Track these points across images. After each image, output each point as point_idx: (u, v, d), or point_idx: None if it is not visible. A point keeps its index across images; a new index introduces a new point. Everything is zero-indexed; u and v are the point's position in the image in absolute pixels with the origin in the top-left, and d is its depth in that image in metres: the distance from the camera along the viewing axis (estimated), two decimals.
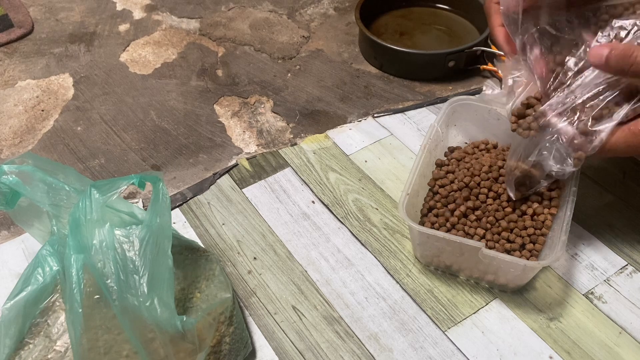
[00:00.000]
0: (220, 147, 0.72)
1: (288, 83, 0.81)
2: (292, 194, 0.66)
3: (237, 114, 0.76)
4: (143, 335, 0.41)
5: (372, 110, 0.76)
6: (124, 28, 0.91)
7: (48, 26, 0.92)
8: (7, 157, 0.71)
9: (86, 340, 0.41)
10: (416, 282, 0.57)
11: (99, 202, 0.42)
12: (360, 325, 0.54)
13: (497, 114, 0.61)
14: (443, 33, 0.86)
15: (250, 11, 0.94)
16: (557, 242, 0.50)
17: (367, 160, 0.69)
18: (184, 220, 0.63)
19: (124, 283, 0.41)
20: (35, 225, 0.49)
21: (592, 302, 0.55)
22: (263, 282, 0.58)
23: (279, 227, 0.62)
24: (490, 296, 0.56)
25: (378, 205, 0.64)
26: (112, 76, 0.83)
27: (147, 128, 0.75)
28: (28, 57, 0.86)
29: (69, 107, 0.78)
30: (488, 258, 0.51)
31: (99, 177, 0.69)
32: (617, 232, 0.60)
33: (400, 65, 0.80)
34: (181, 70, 0.83)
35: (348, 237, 0.61)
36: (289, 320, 0.55)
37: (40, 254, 0.46)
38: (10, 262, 0.60)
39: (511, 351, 0.52)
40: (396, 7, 0.90)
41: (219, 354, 0.47)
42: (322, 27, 0.90)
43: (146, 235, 0.42)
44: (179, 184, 0.68)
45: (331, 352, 0.52)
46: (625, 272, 0.57)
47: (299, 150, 0.71)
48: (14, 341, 0.44)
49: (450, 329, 0.53)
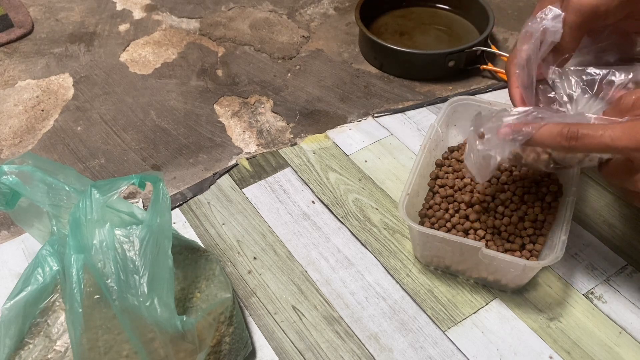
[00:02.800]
0: (220, 147, 0.72)
1: (288, 83, 0.81)
2: (292, 194, 0.66)
3: (237, 114, 0.76)
4: (143, 335, 0.41)
5: (372, 110, 0.76)
6: (124, 28, 0.91)
7: (48, 26, 0.92)
8: (7, 157, 0.71)
9: (86, 340, 0.41)
10: (416, 282, 0.57)
11: (99, 202, 0.42)
12: (360, 325, 0.54)
13: None
14: (443, 33, 0.86)
15: (250, 11, 0.94)
16: (557, 242, 0.50)
17: (367, 160, 0.69)
18: (184, 220, 0.63)
19: (124, 283, 0.41)
20: (35, 225, 0.48)
21: (592, 302, 0.55)
22: (263, 282, 0.58)
23: (279, 227, 0.62)
24: (490, 296, 0.56)
25: (378, 205, 0.64)
26: (112, 76, 0.83)
27: (147, 128, 0.75)
28: (28, 57, 0.86)
29: (69, 107, 0.78)
30: (488, 258, 0.51)
31: (99, 177, 0.69)
32: (617, 232, 0.60)
33: (400, 65, 0.80)
34: (181, 70, 0.83)
35: (348, 237, 0.61)
36: (289, 320, 0.55)
37: (40, 254, 0.46)
38: (10, 262, 0.60)
39: (511, 351, 0.52)
40: (396, 7, 0.90)
41: (219, 354, 0.47)
42: (322, 27, 0.90)
43: (146, 235, 0.42)
44: (179, 184, 0.68)
45: (331, 352, 0.52)
46: (625, 272, 0.57)
47: (299, 150, 0.71)
48: (14, 341, 0.44)
49: (450, 329, 0.53)
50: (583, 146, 0.44)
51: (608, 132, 0.43)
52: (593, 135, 0.43)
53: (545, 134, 0.45)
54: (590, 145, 0.43)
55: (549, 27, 0.49)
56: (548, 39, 0.50)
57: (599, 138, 0.43)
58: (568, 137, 0.44)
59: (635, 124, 0.42)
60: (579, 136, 0.43)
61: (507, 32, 0.88)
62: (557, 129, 0.45)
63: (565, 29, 0.49)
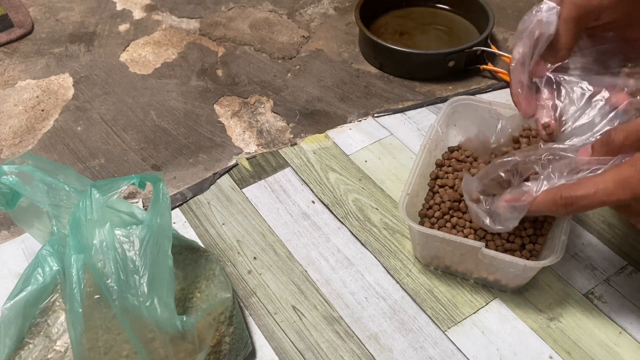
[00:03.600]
0: (220, 147, 0.72)
1: (288, 83, 0.81)
2: (292, 194, 0.66)
3: (237, 114, 0.76)
4: (143, 335, 0.41)
5: (372, 110, 0.76)
6: (124, 28, 0.91)
7: (48, 26, 0.92)
8: (7, 157, 0.71)
9: (86, 340, 0.41)
10: (416, 282, 0.57)
11: (99, 202, 0.42)
12: (360, 325, 0.54)
13: (497, 114, 0.61)
14: (443, 33, 0.86)
15: (250, 11, 0.94)
16: (557, 242, 0.50)
17: (367, 160, 0.69)
18: (184, 220, 0.63)
19: (124, 283, 0.41)
20: (35, 225, 0.49)
21: (592, 302, 0.55)
22: (263, 282, 0.58)
23: (279, 227, 0.62)
24: (490, 296, 0.56)
25: (378, 205, 0.64)
26: (112, 76, 0.83)
27: (147, 128, 0.75)
28: (28, 57, 0.86)
29: (69, 107, 0.78)
30: (488, 258, 0.51)
31: (99, 177, 0.69)
32: (617, 232, 0.60)
33: (400, 65, 0.80)
34: (181, 70, 0.83)
35: (348, 237, 0.61)
36: (289, 320, 0.55)
37: (40, 254, 0.46)
38: (10, 262, 0.60)
39: (511, 351, 0.52)
40: (396, 7, 0.90)
41: (219, 354, 0.47)
42: (322, 27, 0.90)
43: (146, 235, 0.42)
44: (179, 183, 0.68)
45: (331, 352, 0.52)
46: (625, 272, 0.57)
47: (299, 150, 0.71)
48: (14, 341, 0.44)
49: (450, 328, 0.53)
50: (581, 208, 0.44)
51: (601, 187, 0.43)
52: (587, 196, 0.43)
53: (541, 204, 0.46)
54: (588, 206, 0.44)
55: (543, 18, 0.50)
56: (543, 31, 0.50)
57: (593, 197, 0.43)
58: (563, 204, 0.45)
59: (623, 169, 0.42)
60: (574, 200, 0.44)
61: (507, 32, 0.88)
62: (550, 198, 0.45)
63: (561, 22, 0.50)
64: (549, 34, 0.50)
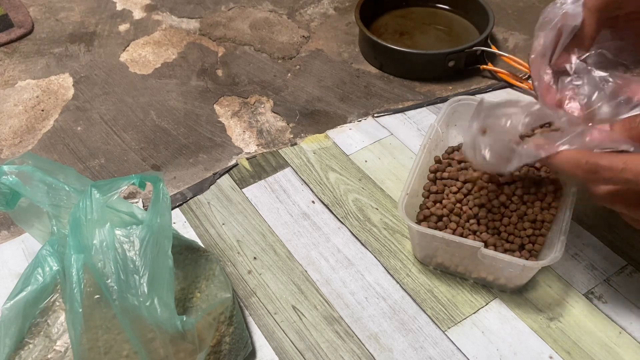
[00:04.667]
0: (220, 147, 0.72)
1: (288, 83, 0.81)
2: (292, 194, 0.66)
3: (237, 114, 0.76)
4: (143, 335, 0.41)
5: (372, 110, 0.76)
6: (124, 28, 0.91)
7: (48, 26, 0.92)
8: (7, 157, 0.71)
9: (86, 340, 0.41)
10: (416, 282, 0.57)
11: (99, 202, 0.42)
12: (360, 325, 0.54)
13: None
14: (443, 33, 0.86)
15: (250, 11, 0.94)
16: (556, 242, 0.50)
17: (367, 160, 0.69)
18: (184, 220, 0.64)
19: (124, 283, 0.41)
20: (35, 225, 0.49)
21: (592, 302, 0.55)
22: (263, 282, 0.58)
23: (279, 227, 0.62)
24: (490, 296, 0.56)
25: (378, 205, 0.64)
26: (112, 76, 0.83)
27: (147, 128, 0.75)
28: (28, 57, 0.86)
29: (69, 107, 0.78)
30: (487, 258, 0.51)
31: (99, 177, 0.69)
32: (617, 232, 0.60)
33: (400, 65, 0.80)
34: (181, 70, 0.83)
35: (348, 237, 0.61)
36: (289, 320, 0.55)
37: (40, 254, 0.46)
38: (10, 262, 0.60)
39: (511, 351, 0.52)
40: (396, 7, 0.90)
41: (219, 354, 0.47)
42: (322, 27, 0.90)
43: (146, 235, 0.42)
44: (179, 183, 0.68)
45: (331, 352, 0.52)
46: (625, 272, 0.57)
47: (299, 150, 0.71)
48: (14, 341, 0.44)
49: (450, 328, 0.53)
50: (602, 180, 0.42)
51: (630, 166, 0.40)
52: (613, 170, 0.40)
53: (564, 160, 0.43)
54: (610, 180, 0.41)
55: (569, 10, 0.49)
56: (569, 22, 0.49)
57: (620, 173, 0.40)
58: (586, 170, 0.42)
59: None
60: (598, 169, 0.41)
61: (507, 32, 0.88)
62: (574, 158, 0.42)
63: (585, 11, 0.49)
64: (574, 25, 0.49)
